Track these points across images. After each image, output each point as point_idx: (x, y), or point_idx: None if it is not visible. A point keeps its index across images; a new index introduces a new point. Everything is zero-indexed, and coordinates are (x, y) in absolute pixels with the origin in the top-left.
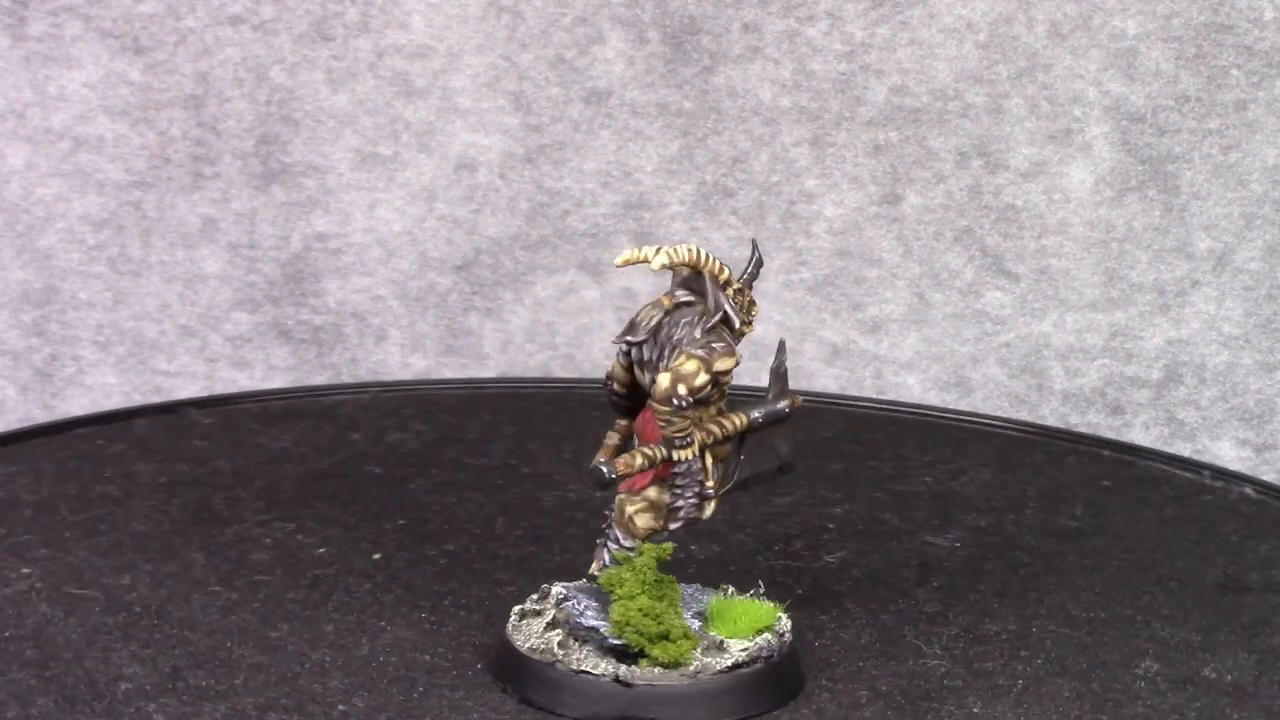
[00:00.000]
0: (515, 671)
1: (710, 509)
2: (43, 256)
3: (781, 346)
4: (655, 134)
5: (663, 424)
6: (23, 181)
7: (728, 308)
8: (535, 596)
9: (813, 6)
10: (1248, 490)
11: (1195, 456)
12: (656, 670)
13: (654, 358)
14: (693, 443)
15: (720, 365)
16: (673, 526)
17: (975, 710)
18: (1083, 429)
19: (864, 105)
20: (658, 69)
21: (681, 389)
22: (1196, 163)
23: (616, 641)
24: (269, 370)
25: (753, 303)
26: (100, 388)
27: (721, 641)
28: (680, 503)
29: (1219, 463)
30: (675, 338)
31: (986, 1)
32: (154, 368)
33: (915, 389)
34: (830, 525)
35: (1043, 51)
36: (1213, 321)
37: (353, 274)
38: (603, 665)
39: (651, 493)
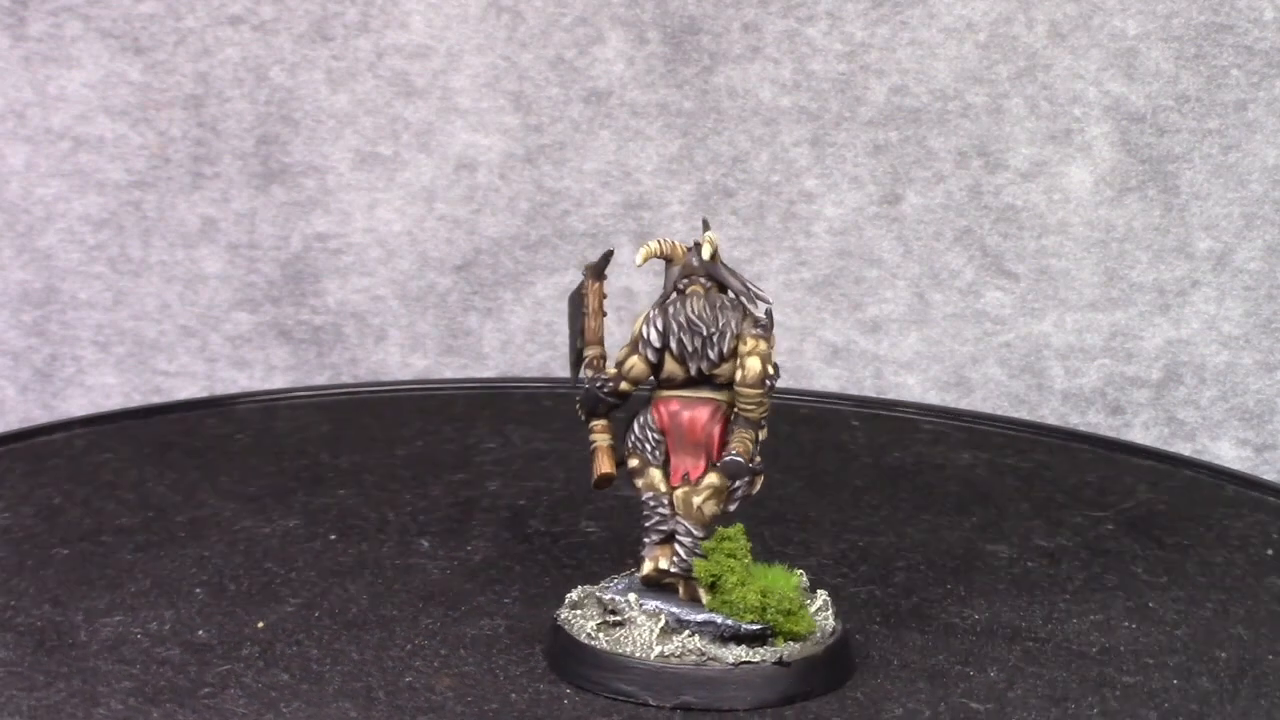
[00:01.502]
0: (657, 682)
1: (760, 483)
2: (43, 256)
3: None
4: (655, 134)
5: (752, 407)
6: (23, 182)
7: (751, 286)
8: (579, 611)
9: (813, 6)
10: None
11: (1195, 456)
12: (795, 645)
13: (699, 347)
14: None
15: (773, 341)
16: (731, 508)
17: (980, 615)
18: (1083, 429)
19: (864, 105)
20: (658, 69)
21: (770, 369)
22: (1196, 163)
23: (753, 627)
24: (269, 370)
25: None
26: (100, 388)
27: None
28: (738, 483)
29: (1219, 463)
30: (721, 323)
31: (986, 1)
32: (154, 368)
33: (915, 389)
34: (545, 496)
35: (1043, 51)
36: (1213, 321)
37: (352, 274)
38: (756, 653)
39: (714, 479)
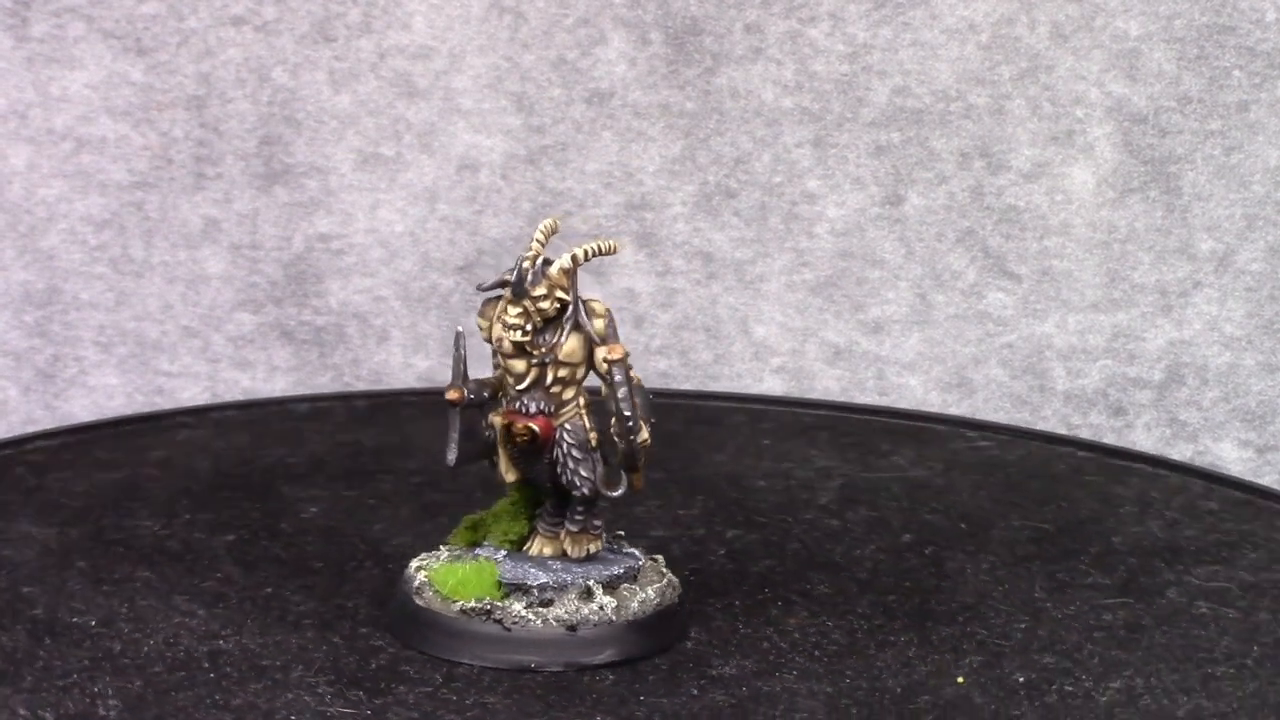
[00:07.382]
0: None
1: None
2: (45, 257)
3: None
4: (657, 135)
5: None
6: (25, 182)
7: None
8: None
9: (815, 7)
10: None
11: (1197, 457)
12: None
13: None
14: None
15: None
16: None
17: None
18: (1084, 430)
19: (866, 106)
20: (660, 70)
21: None
22: (1198, 164)
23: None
24: (271, 371)
25: None
26: (102, 389)
27: None
28: None
29: (1221, 464)
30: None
31: (989, 2)
32: (156, 368)
33: (917, 390)
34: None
35: (1045, 52)
36: (1215, 322)
37: (355, 275)
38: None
39: None
